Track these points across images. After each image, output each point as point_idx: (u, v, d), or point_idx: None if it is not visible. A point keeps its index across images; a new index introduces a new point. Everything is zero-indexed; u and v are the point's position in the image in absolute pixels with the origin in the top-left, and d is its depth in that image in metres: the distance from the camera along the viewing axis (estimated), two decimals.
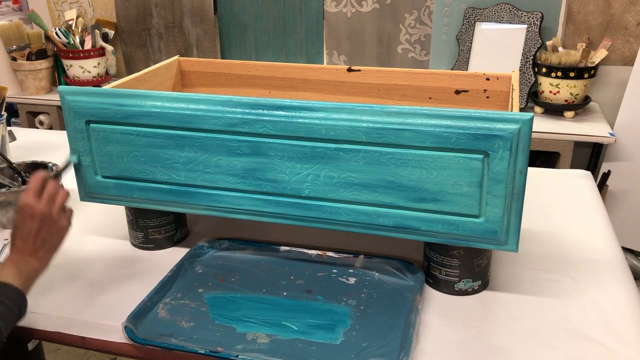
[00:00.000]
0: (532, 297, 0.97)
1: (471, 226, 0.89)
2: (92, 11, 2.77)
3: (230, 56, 2.62)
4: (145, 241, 1.12)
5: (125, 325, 0.88)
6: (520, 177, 0.85)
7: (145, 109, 0.97)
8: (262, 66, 1.27)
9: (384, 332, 0.88)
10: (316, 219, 0.96)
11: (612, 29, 2.15)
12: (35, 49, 2.58)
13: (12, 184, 1.25)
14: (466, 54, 2.22)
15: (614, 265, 1.06)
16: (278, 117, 0.91)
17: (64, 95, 1.01)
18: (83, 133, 1.02)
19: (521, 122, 0.82)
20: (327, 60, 2.52)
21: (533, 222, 1.20)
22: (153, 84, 1.21)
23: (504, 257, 1.08)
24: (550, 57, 2.05)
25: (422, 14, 2.33)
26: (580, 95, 2.07)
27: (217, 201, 1.00)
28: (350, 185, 0.92)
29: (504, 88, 1.13)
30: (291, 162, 0.93)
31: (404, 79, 1.19)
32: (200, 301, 0.96)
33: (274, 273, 1.04)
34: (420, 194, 0.89)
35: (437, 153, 0.86)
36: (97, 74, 2.58)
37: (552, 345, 0.85)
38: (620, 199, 2.10)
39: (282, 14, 2.48)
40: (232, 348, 0.85)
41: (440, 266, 0.97)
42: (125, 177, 1.04)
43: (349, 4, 2.40)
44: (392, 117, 0.87)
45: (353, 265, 1.05)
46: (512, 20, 2.14)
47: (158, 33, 2.64)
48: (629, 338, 0.87)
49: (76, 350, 2.09)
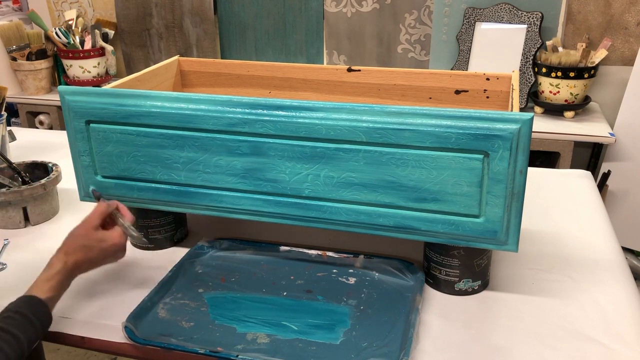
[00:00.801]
0: (532, 297, 0.97)
1: (471, 226, 0.89)
2: (92, 11, 2.77)
3: (230, 56, 2.62)
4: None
5: (125, 325, 0.88)
6: (520, 177, 0.85)
7: (145, 109, 0.97)
8: (262, 66, 1.27)
9: (384, 332, 0.88)
10: (316, 219, 0.96)
11: (612, 29, 2.15)
12: (35, 49, 2.58)
13: (12, 184, 1.25)
14: (466, 54, 2.22)
15: (614, 265, 1.06)
16: (278, 117, 0.91)
17: (64, 95, 1.01)
18: (83, 133, 1.02)
19: (521, 122, 0.82)
20: (327, 60, 2.52)
21: (533, 222, 1.20)
22: (153, 84, 1.21)
23: (504, 257, 1.08)
24: (550, 57, 2.05)
25: (422, 14, 2.33)
26: (580, 95, 2.07)
27: (217, 201, 1.00)
28: (350, 185, 0.92)
29: (504, 88, 1.13)
30: (291, 162, 0.93)
31: (404, 79, 1.19)
32: (200, 301, 0.96)
33: (274, 273, 1.04)
34: (420, 194, 0.89)
35: (437, 153, 0.86)
36: (97, 74, 2.58)
37: (552, 345, 0.85)
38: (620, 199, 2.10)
39: (282, 14, 2.48)
40: (232, 348, 0.85)
41: (440, 266, 0.97)
42: (125, 177, 1.04)
43: (349, 4, 2.40)
44: (392, 117, 0.87)
45: (353, 265, 1.05)
46: (512, 20, 2.14)
47: (158, 33, 2.64)
48: (629, 338, 0.87)
49: (76, 350, 2.09)
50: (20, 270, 1.07)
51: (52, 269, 0.88)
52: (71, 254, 0.89)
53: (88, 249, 0.91)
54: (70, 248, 0.90)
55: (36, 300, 0.83)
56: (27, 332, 0.79)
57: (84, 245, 0.91)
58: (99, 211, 0.95)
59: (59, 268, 0.88)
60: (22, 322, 0.79)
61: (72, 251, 0.90)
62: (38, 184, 1.20)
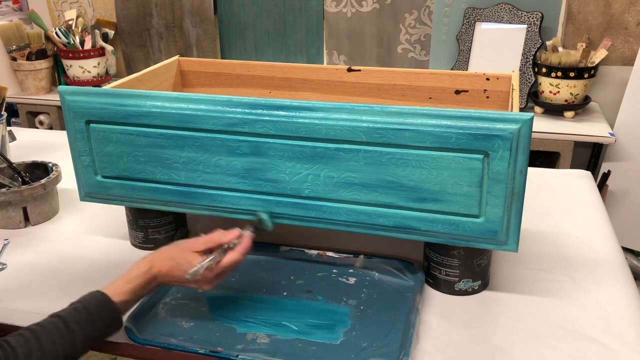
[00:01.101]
0: (532, 297, 0.97)
1: (471, 226, 0.89)
2: (92, 11, 2.77)
3: (230, 56, 2.62)
4: (145, 241, 1.12)
5: (125, 325, 0.88)
6: (520, 177, 0.85)
7: (145, 109, 0.97)
8: (262, 66, 1.27)
9: (384, 332, 0.88)
10: (316, 219, 0.96)
11: (612, 29, 2.15)
12: (35, 49, 2.58)
13: (12, 184, 1.25)
14: (466, 54, 2.22)
15: (614, 265, 1.06)
16: (278, 117, 0.91)
17: (64, 95, 1.01)
18: (83, 133, 1.02)
19: (521, 122, 0.82)
20: (327, 60, 2.52)
21: (533, 222, 1.20)
22: (153, 84, 1.21)
23: (504, 257, 1.08)
24: (550, 57, 2.05)
25: (422, 14, 2.33)
26: (580, 95, 2.07)
27: (217, 201, 1.00)
28: (350, 185, 0.92)
29: (504, 88, 1.13)
30: (291, 162, 0.93)
31: (404, 79, 1.18)
32: (200, 301, 0.96)
33: (274, 273, 1.04)
34: (420, 194, 0.89)
35: (437, 153, 0.86)
36: (97, 74, 2.58)
37: (552, 345, 0.85)
38: (620, 199, 2.10)
39: (282, 14, 2.48)
40: (232, 348, 0.85)
41: (440, 266, 0.97)
42: (125, 177, 1.04)
43: (349, 4, 2.40)
44: (392, 117, 0.87)
45: (353, 265, 1.05)
46: (512, 20, 2.14)
47: (158, 33, 2.64)
48: (629, 338, 0.87)
49: None
50: (20, 271, 1.07)
51: (134, 270, 0.86)
52: (158, 262, 0.87)
53: (176, 264, 0.87)
54: (160, 256, 0.89)
55: (108, 302, 0.82)
56: (86, 330, 0.78)
57: (174, 259, 0.88)
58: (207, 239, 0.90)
59: (142, 272, 0.86)
60: (86, 320, 0.79)
61: (160, 260, 0.88)
62: (38, 184, 1.20)
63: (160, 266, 0.87)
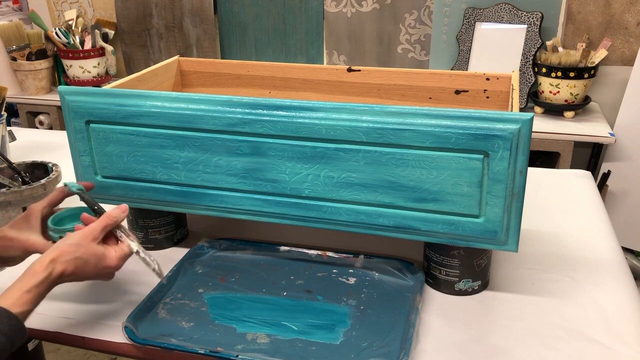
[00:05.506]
0: (532, 297, 0.97)
1: (471, 226, 0.89)
2: (92, 11, 2.77)
3: (230, 56, 2.62)
4: (145, 241, 1.12)
5: (125, 325, 0.88)
6: (520, 177, 0.85)
7: (145, 109, 0.97)
8: (262, 66, 1.27)
9: (384, 332, 0.88)
10: (316, 219, 0.96)
11: (612, 29, 2.15)
12: (35, 49, 2.58)
13: (12, 184, 1.24)
14: (466, 54, 2.22)
15: (614, 265, 1.06)
16: (278, 117, 0.91)
17: (64, 95, 1.01)
18: (83, 133, 1.02)
19: (521, 122, 0.82)
20: (327, 60, 2.52)
21: (533, 222, 1.20)
22: (153, 84, 1.21)
23: (504, 257, 1.08)
24: (550, 57, 2.05)
25: (422, 14, 2.33)
26: (580, 95, 2.07)
27: (217, 201, 1.00)
28: (350, 185, 0.92)
29: (504, 88, 1.13)
30: (291, 162, 0.93)
31: (404, 79, 1.19)
32: (200, 301, 0.96)
33: (274, 273, 1.04)
34: (420, 194, 0.89)
35: (437, 153, 0.86)
36: (97, 74, 2.58)
37: (552, 345, 0.85)
38: (620, 199, 2.11)
39: (282, 14, 2.48)
40: (232, 348, 0.85)
41: (440, 266, 0.97)
42: (125, 177, 1.04)
43: (349, 4, 2.40)
44: (392, 117, 0.87)
45: (353, 265, 1.05)
46: (512, 20, 2.14)
47: (158, 33, 2.64)
48: (629, 338, 0.87)
49: (76, 350, 2.09)
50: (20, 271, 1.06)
51: (34, 277, 0.77)
52: (60, 264, 0.79)
53: (83, 262, 0.81)
54: (61, 256, 0.80)
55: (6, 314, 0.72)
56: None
57: (79, 257, 0.81)
58: (103, 223, 0.86)
59: (42, 278, 0.77)
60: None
61: (63, 261, 0.79)
62: (38, 184, 1.20)
63: (63, 268, 0.79)
